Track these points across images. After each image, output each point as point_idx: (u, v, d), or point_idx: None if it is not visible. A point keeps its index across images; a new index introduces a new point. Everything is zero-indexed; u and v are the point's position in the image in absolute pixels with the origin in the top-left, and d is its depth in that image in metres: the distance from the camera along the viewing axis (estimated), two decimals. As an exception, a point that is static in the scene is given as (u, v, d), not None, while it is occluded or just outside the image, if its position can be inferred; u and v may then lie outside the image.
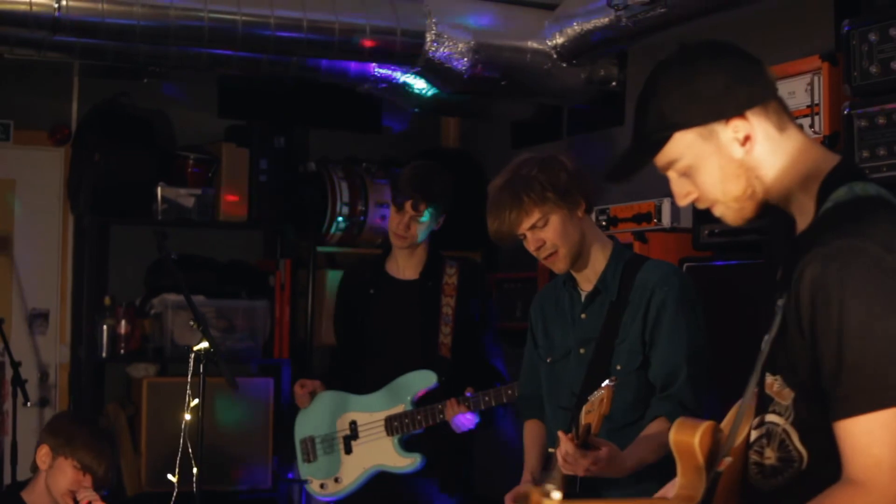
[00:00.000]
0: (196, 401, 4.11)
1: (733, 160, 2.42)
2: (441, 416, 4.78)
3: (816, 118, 4.18)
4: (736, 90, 2.40)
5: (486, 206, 3.77)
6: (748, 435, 2.50)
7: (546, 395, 3.96)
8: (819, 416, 2.30)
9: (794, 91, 4.28)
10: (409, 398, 4.90)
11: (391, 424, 4.91)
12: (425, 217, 4.91)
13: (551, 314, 3.95)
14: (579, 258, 3.78)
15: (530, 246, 3.77)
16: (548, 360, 3.93)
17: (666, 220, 4.93)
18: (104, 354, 6.48)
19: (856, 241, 2.24)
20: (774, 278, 2.51)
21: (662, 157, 2.47)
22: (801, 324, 2.28)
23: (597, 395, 3.42)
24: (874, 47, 3.91)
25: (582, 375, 3.77)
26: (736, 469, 2.49)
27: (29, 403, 5.95)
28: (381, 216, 6.76)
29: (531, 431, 4.09)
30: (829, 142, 4.09)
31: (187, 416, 4.10)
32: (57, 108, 6.77)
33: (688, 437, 2.44)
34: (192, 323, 4.21)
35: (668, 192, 2.60)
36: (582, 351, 3.81)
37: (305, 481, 5.12)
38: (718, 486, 2.44)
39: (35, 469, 4.46)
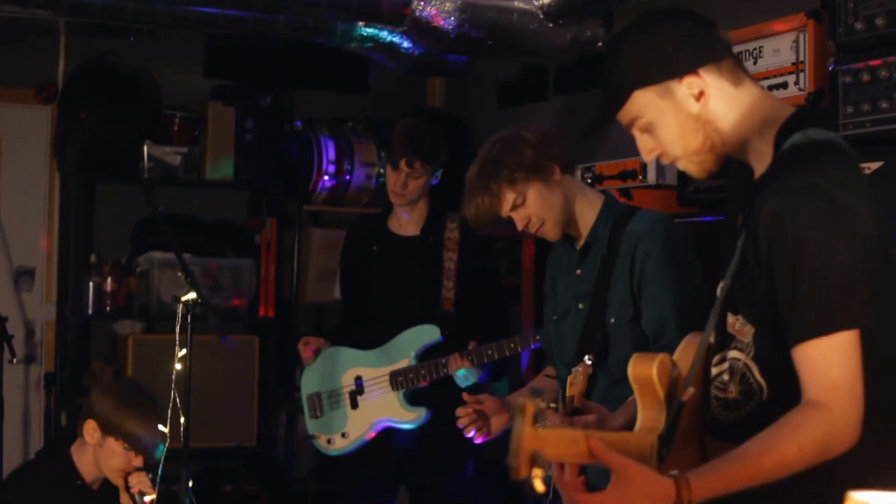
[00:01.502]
0: (184, 351, 4.13)
1: (690, 115, 2.59)
2: (445, 370, 4.81)
3: (801, 75, 4.20)
4: (687, 49, 2.58)
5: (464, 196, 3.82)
6: (709, 370, 2.63)
7: (554, 352, 3.99)
8: (777, 348, 2.43)
9: (780, 49, 4.30)
10: (412, 353, 4.94)
11: (396, 379, 4.95)
12: (420, 173, 4.94)
13: (559, 271, 3.98)
14: (570, 221, 3.80)
15: (518, 225, 3.80)
16: (553, 318, 3.96)
17: (651, 177, 4.95)
18: (90, 312, 6.50)
19: (810, 177, 2.39)
20: (735, 227, 2.63)
21: (625, 115, 2.65)
22: (758, 257, 2.42)
23: (578, 370, 3.49)
24: (859, 4, 3.92)
25: (578, 332, 3.80)
26: (696, 403, 2.60)
27: (15, 360, 5.97)
28: (366, 175, 6.78)
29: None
30: (814, 98, 4.11)
31: (178, 366, 4.11)
32: (43, 67, 6.75)
33: (645, 370, 2.55)
34: (179, 274, 4.23)
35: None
36: (580, 306, 3.82)
37: (313, 437, 5.15)
38: (681, 419, 2.56)
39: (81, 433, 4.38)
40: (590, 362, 3.58)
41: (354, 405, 5.05)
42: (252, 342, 6.74)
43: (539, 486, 2.27)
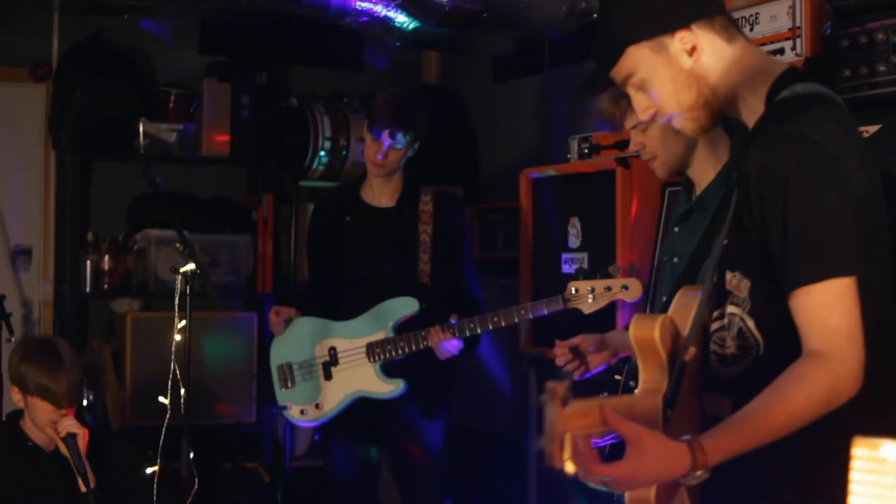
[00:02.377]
0: (183, 322, 4.13)
1: (683, 70, 2.61)
2: (425, 342, 4.80)
3: (798, 41, 4.19)
4: (679, 5, 2.61)
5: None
6: (708, 326, 2.64)
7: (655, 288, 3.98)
8: (773, 302, 2.44)
9: (776, 15, 4.28)
10: (390, 324, 4.91)
11: (373, 350, 4.92)
12: (402, 145, 4.92)
13: (673, 216, 3.92)
14: (686, 168, 3.75)
15: (631, 146, 3.82)
16: (662, 258, 3.93)
17: (649, 145, 4.93)
18: (88, 290, 6.50)
19: (797, 127, 2.40)
20: (732, 184, 2.66)
21: (619, 72, 2.67)
22: (751, 208, 2.44)
23: None
24: (855, -32, 3.92)
25: (669, 287, 3.76)
26: (696, 362, 2.62)
27: (13, 339, 5.97)
28: (362, 151, 6.73)
29: None
30: (811, 64, 4.10)
31: (177, 338, 4.12)
32: (37, 45, 6.74)
33: (647, 332, 2.51)
34: (178, 245, 4.23)
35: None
36: (675, 260, 3.79)
37: (284, 407, 5.11)
38: (683, 379, 2.56)
39: None
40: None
41: (328, 376, 5.02)
42: (250, 318, 6.74)
43: (570, 468, 2.26)
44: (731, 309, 2.58)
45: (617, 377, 3.89)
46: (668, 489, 2.44)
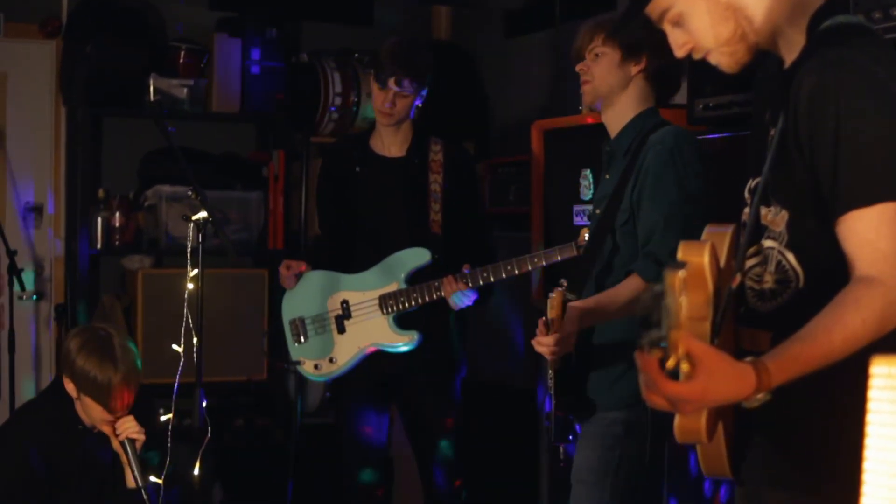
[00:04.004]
0: (195, 271, 4.13)
1: (720, 3, 2.58)
2: (438, 293, 4.77)
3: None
4: None
5: None
6: (742, 264, 2.61)
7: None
8: (814, 232, 2.45)
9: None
10: (402, 276, 4.88)
11: (385, 302, 4.90)
12: (409, 91, 4.89)
13: (602, 164, 4.06)
14: (609, 107, 3.92)
15: (578, 67, 3.95)
16: (595, 212, 4.02)
17: (661, 96, 4.92)
18: (99, 247, 6.50)
19: (848, 51, 2.40)
20: (764, 123, 2.64)
21: (655, 8, 2.65)
22: (799, 134, 2.42)
23: (553, 296, 3.60)
24: None
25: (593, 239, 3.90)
26: (733, 294, 2.56)
27: (24, 296, 5.99)
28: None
29: None
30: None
31: (190, 286, 4.11)
32: (47, 1, 6.72)
33: (697, 258, 2.42)
34: (189, 192, 4.21)
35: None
36: (597, 211, 3.91)
37: (297, 362, 5.08)
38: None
39: None
40: (563, 287, 3.65)
41: (341, 330, 4.99)
42: (261, 275, 6.75)
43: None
44: (768, 244, 2.56)
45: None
46: (714, 418, 2.42)
